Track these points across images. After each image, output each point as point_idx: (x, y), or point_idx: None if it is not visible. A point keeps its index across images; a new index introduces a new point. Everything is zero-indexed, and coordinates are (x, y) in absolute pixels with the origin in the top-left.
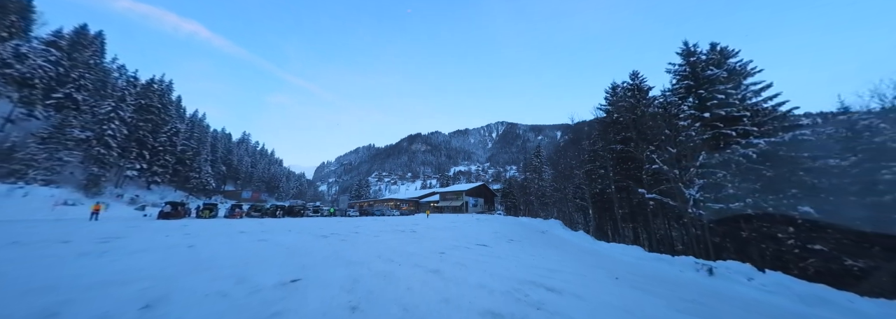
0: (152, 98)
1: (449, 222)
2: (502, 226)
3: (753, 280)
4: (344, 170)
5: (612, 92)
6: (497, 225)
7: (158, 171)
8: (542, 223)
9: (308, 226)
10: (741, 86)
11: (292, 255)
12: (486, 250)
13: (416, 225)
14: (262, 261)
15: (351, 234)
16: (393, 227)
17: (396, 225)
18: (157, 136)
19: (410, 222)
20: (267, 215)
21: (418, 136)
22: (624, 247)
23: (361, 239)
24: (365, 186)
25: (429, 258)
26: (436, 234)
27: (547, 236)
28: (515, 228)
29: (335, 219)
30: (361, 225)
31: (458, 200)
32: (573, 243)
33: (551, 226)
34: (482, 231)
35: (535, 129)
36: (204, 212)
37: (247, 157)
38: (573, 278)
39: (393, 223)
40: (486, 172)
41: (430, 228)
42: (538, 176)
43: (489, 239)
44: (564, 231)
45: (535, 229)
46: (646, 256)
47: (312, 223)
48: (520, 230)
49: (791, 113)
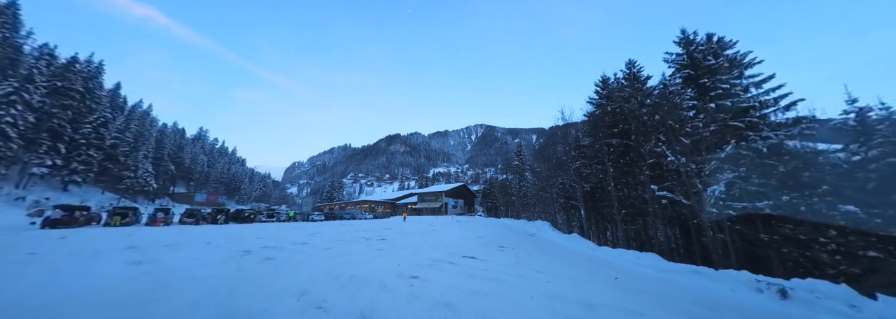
0: (73, 80)
1: (427, 225)
2: (487, 229)
3: (860, 311)
4: (317, 171)
5: (603, 85)
6: (481, 227)
7: (79, 169)
8: (529, 225)
9: (242, 236)
10: (743, 77)
11: (134, 301)
12: (478, 266)
13: (388, 229)
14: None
15: (293, 247)
16: (358, 234)
17: (364, 230)
18: (79, 127)
19: (381, 227)
20: (205, 221)
21: (397, 137)
22: (635, 255)
23: (302, 256)
24: (338, 188)
25: (392, 290)
26: (410, 242)
27: (538, 240)
28: (501, 231)
29: (291, 225)
30: (319, 232)
31: (437, 202)
32: (572, 249)
33: (539, 228)
34: (466, 235)
35: (512, 132)
36: (114, 220)
37: (203, 156)
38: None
39: (361, 228)
40: (466, 174)
41: (405, 233)
42: (520, 176)
43: (476, 248)
44: (555, 233)
45: (522, 232)
46: (671, 267)
47: (255, 231)
48: (507, 233)
49: (795, 104)
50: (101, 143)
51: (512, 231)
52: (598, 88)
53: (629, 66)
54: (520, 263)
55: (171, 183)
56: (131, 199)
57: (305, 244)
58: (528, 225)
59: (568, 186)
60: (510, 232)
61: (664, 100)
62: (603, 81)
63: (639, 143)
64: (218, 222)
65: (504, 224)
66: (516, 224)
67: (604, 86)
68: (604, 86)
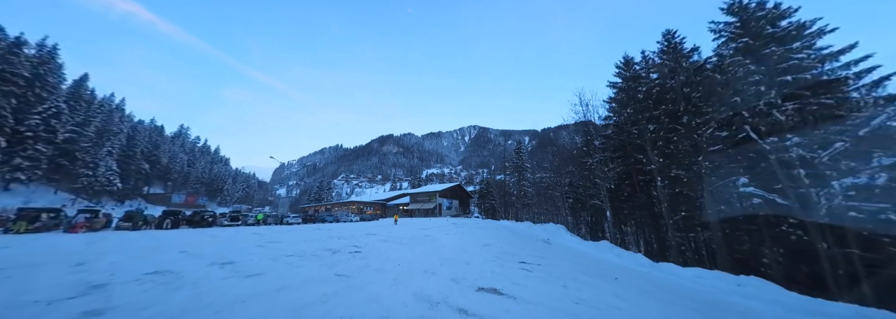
0: (17, 65)
1: (419, 229)
2: (491, 234)
3: None
4: (307, 172)
5: (625, 66)
6: (483, 232)
7: (24, 165)
8: (537, 228)
9: (153, 250)
10: (813, 48)
11: None
12: (512, 313)
13: (371, 235)
14: None
15: (206, 269)
16: (327, 244)
17: (340, 237)
18: (25, 118)
19: (364, 231)
20: (148, 226)
21: (390, 137)
22: (737, 280)
23: (184, 296)
24: (327, 188)
25: None
26: (394, 256)
27: (563, 250)
28: (509, 237)
29: (252, 231)
30: (279, 240)
31: (430, 202)
32: (625, 267)
33: (553, 233)
34: (468, 243)
35: (505, 134)
36: (18, 225)
37: (183, 155)
38: None
39: (339, 234)
40: (459, 175)
41: (391, 241)
42: (519, 175)
43: (490, 266)
44: (576, 240)
45: (534, 237)
46: (819, 308)
47: (191, 241)
48: (517, 240)
49: (887, 80)
50: (52, 137)
51: (521, 236)
52: (619, 69)
53: (668, 37)
54: (579, 301)
55: (145, 183)
56: (88, 200)
57: (233, 263)
58: (536, 229)
59: (578, 185)
60: (519, 237)
61: (724, 73)
62: (625, 62)
63: (693, 127)
64: (164, 227)
65: (507, 227)
66: (521, 227)
67: (627, 67)
68: (627, 67)
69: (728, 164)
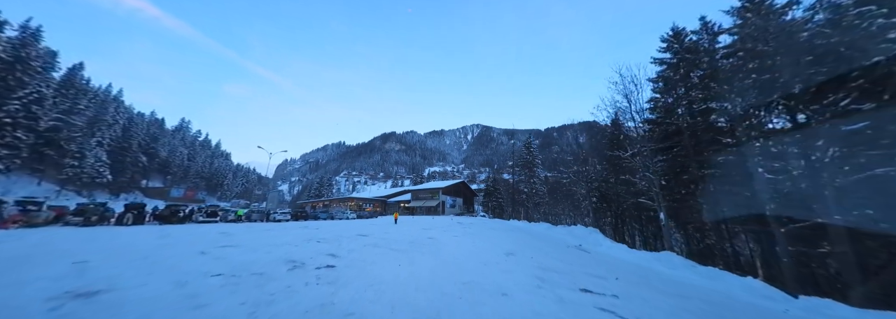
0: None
1: (421, 229)
2: (509, 238)
3: None
4: (309, 169)
5: (675, 38)
6: (495, 234)
7: (2, 154)
8: (560, 231)
9: (25, 259)
10: None
11: None
12: None
13: (362, 237)
14: None
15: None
16: (295, 251)
17: (321, 240)
18: (3, 103)
19: (356, 232)
20: (106, 221)
21: (392, 135)
22: None
23: None
24: (327, 185)
25: None
26: (380, 277)
27: (621, 267)
28: (531, 241)
29: (221, 229)
30: (238, 243)
31: (433, 200)
32: (748, 303)
33: (586, 239)
34: (487, 253)
35: (508, 133)
36: None
37: (183, 148)
38: None
39: (322, 236)
40: (461, 173)
41: (382, 246)
42: (529, 171)
43: (555, 315)
44: (620, 248)
45: (565, 244)
46: None
47: (126, 242)
48: (549, 249)
49: None
50: (33, 124)
51: (546, 241)
52: (669, 41)
53: None
54: None
55: (143, 176)
56: (77, 192)
57: (97, 295)
58: (559, 232)
59: (603, 181)
60: (545, 243)
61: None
62: (674, 34)
63: (808, 99)
64: (124, 223)
65: (521, 228)
66: (537, 229)
67: (676, 39)
68: (676, 39)
69: (867, 150)
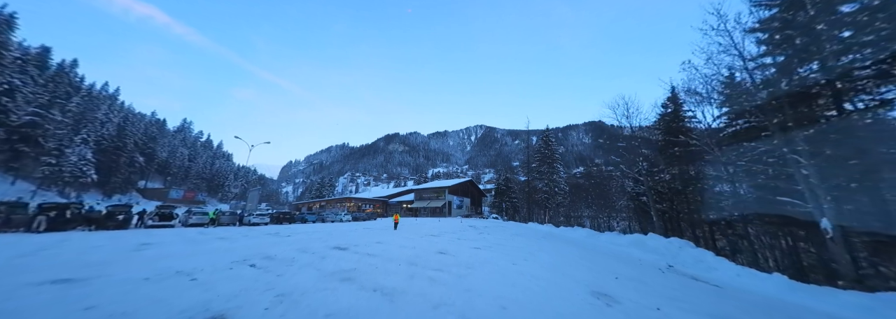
0: None
1: (427, 236)
2: (555, 252)
3: None
4: (314, 170)
5: None
6: (528, 245)
7: None
8: (620, 240)
9: None
10: None
11: None
12: None
13: (337, 251)
14: None
15: None
16: (186, 291)
17: (254, 264)
18: None
19: (335, 242)
20: (5, 228)
21: (396, 136)
22: None
23: None
24: (328, 186)
25: None
26: None
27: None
28: (597, 260)
29: (148, 237)
30: (97, 277)
31: (439, 200)
32: None
33: (678, 256)
34: (536, 280)
35: (512, 134)
36: None
37: (184, 149)
38: None
39: (278, 249)
40: (466, 174)
41: (359, 276)
42: (550, 168)
43: None
44: (755, 276)
45: (645, 264)
46: None
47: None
48: (629, 271)
49: None
50: (3, 118)
51: (609, 256)
52: None
53: None
54: None
55: (141, 177)
56: (60, 192)
57: None
58: (621, 242)
59: (652, 179)
60: (614, 260)
61: None
62: None
63: None
64: (34, 229)
65: (554, 235)
66: (574, 235)
67: None
68: None
69: None
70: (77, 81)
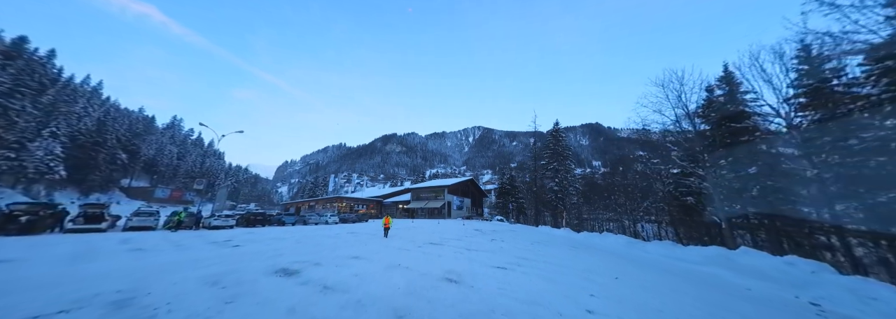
0: None
1: (426, 246)
2: (603, 270)
3: None
4: (310, 170)
5: None
6: (559, 256)
7: None
8: (694, 254)
9: None
10: None
11: None
12: None
13: (290, 274)
14: None
15: None
16: None
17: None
18: None
19: (293, 257)
20: None
21: (393, 137)
22: None
23: None
24: (321, 185)
25: None
26: None
27: None
28: (691, 293)
29: (19, 244)
30: None
31: (437, 200)
32: None
33: (821, 285)
34: None
35: (509, 135)
36: None
37: (172, 146)
38: None
39: (158, 280)
40: (463, 175)
41: None
42: (560, 164)
43: None
44: None
45: (773, 302)
46: None
47: None
48: (746, 308)
49: None
50: None
51: (680, 277)
52: None
53: None
54: None
55: (124, 175)
56: (25, 190)
57: None
58: (692, 256)
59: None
60: (699, 286)
61: None
62: None
63: None
64: None
65: (582, 241)
66: (609, 242)
67: None
68: None
69: None
70: (54, 73)
